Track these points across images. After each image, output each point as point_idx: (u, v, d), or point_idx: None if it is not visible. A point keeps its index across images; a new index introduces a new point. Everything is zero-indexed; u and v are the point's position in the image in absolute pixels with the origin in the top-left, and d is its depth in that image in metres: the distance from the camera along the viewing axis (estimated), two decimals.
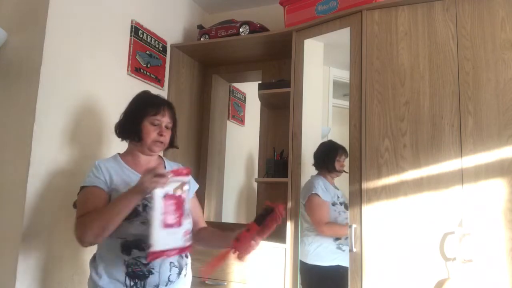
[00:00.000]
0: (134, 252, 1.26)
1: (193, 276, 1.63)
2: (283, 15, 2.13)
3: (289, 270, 1.84)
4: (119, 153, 1.44)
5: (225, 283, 1.94)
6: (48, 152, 1.54)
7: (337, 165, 1.97)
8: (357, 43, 1.78)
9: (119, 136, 1.44)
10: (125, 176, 1.35)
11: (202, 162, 2.58)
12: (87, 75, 1.74)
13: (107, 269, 1.27)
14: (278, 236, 2.01)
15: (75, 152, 1.68)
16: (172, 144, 1.47)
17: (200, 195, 2.56)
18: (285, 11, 2.11)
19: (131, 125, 1.37)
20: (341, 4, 1.87)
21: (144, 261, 1.25)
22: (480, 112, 1.54)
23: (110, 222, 1.19)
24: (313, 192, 1.94)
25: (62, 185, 1.61)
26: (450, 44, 1.62)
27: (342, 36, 1.84)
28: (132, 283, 1.25)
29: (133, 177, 1.33)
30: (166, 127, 1.40)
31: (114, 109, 1.90)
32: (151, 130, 1.36)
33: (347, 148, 1.75)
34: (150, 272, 1.26)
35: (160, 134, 1.37)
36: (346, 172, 1.90)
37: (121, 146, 1.93)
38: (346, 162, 1.83)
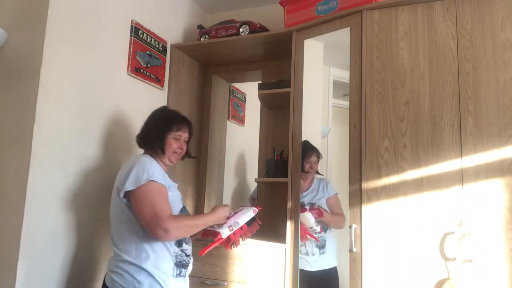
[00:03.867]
0: (184, 245, 1.50)
1: (194, 276, 1.64)
2: (283, 15, 2.13)
3: (289, 270, 1.84)
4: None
5: (225, 283, 1.94)
6: (48, 152, 1.54)
7: (305, 166, 1.98)
8: (357, 43, 1.78)
9: (141, 147, 1.64)
10: (168, 180, 1.54)
11: (202, 162, 2.58)
12: (87, 75, 1.74)
13: (156, 261, 1.41)
14: (278, 236, 2.01)
15: (75, 152, 1.68)
16: (188, 154, 1.70)
17: (200, 195, 2.56)
18: (285, 11, 2.11)
19: (156, 139, 1.56)
20: (341, 4, 1.87)
21: (188, 253, 1.52)
22: (480, 112, 1.54)
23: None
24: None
25: (63, 185, 1.61)
26: (450, 44, 1.62)
27: (342, 36, 1.84)
28: (177, 272, 1.46)
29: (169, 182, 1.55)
30: (184, 141, 1.64)
31: (114, 109, 1.91)
32: (173, 144, 1.58)
33: (347, 148, 1.75)
34: (189, 261, 1.52)
35: (180, 148, 1.61)
36: (320, 174, 1.97)
37: (121, 146, 1.94)
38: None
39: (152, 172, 1.43)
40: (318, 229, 1.91)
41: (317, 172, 2.03)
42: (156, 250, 1.42)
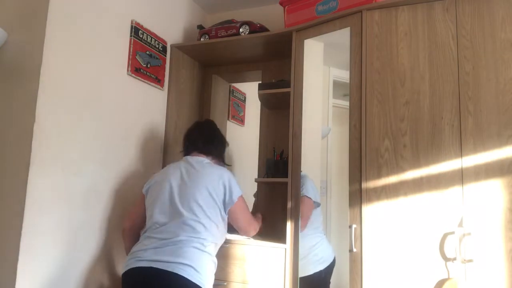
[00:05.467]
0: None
1: None
2: (283, 15, 2.13)
3: (288, 270, 1.84)
4: None
5: (225, 283, 1.94)
6: (48, 152, 1.54)
7: None
8: (357, 43, 1.78)
9: (212, 154, 1.82)
10: None
11: None
12: (87, 75, 1.74)
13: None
14: (278, 236, 2.01)
15: (75, 152, 1.68)
16: None
17: None
18: (285, 11, 2.11)
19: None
20: (341, 4, 1.87)
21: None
22: (480, 112, 1.54)
23: None
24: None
25: (63, 185, 1.61)
26: (450, 44, 1.62)
27: (342, 36, 1.84)
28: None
29: None
30: None
31: (114, 109, 1.91)
32: None
33: (347, 148, 1.75)
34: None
35: None
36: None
37: (121, 146, 1.94)
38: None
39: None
40: None
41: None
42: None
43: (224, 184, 1.65)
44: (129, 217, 1.77)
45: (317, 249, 1.90)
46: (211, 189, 1.62)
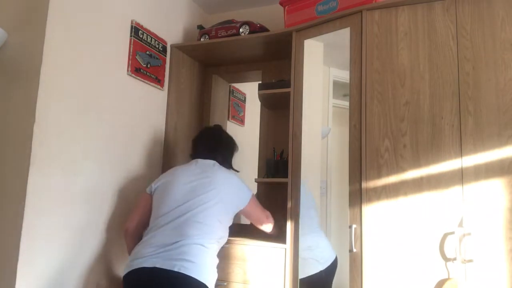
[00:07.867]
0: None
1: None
2: (283, 15, 2.13)
3: (288, 270, 1.84)
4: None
5: (225, 283, 1.94)
6: (48, 152, 1.54)
7: None
8: (357, 43, 1.78)
9: (225, 165, 1.89)
10: None
11: None
12: (87, 75, 1.74)
13: None
14: (278, 236, 2.01)
15: (75, 152, 1.68)
16: None
17: None
18: (285, 11, 2.11)
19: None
20: (341, 4, 1.87)
21: None
22: (480, 112, 1.54)
23: None
24: None
25: (63, 185, 1.61)
26: (450, 44, 1.62)
27: (342, 36, 1.84)
28: None
29: None
30: None
31: (114, 109, 1.91)
32: None
33: (347, 148, 1.75)
34: None
35: None
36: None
37: (121, 146, 1.94)
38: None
39: None
40: None
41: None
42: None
43: (234, 188, 1.74)
44: (133, 217, 1.76)
45: (315, 250, 1.90)
46: (221, 191, 1.68)
